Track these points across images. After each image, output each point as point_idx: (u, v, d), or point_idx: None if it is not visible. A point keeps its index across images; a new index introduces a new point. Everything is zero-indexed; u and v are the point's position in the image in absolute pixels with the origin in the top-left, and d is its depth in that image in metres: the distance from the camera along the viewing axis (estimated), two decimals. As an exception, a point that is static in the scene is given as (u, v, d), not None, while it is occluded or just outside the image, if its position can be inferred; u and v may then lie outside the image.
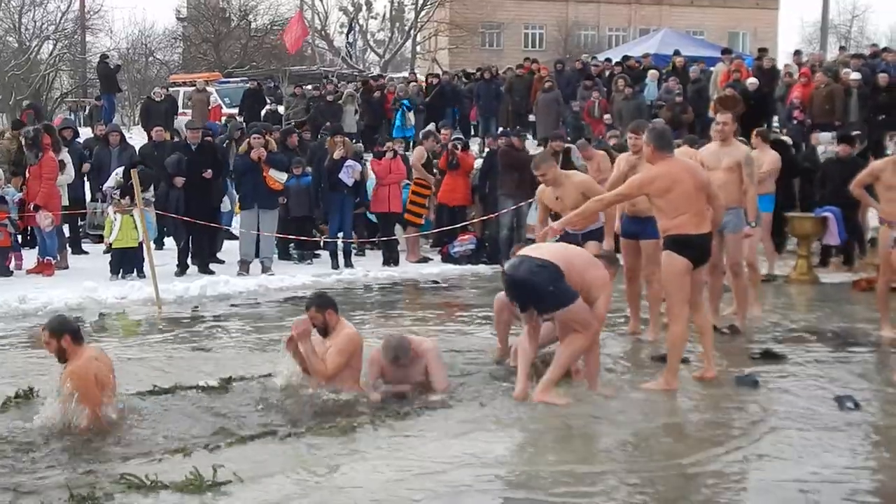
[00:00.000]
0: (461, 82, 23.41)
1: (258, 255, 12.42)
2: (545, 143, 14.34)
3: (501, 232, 13.34)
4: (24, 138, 12.67)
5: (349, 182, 12.88)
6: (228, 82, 27.00)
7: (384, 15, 49.04)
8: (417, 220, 14.09)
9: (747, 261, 8.97)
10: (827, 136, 16.47)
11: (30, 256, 12.35)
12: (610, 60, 23.53)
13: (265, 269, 12.22)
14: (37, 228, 12.23)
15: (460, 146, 14.23)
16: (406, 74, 26.98)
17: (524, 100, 21.06)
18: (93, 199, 14.05)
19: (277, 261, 12.95)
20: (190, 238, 12.32)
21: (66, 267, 12.38)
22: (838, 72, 18.28)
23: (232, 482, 4.76)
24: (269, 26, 39.90)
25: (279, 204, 12.78)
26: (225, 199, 13.43)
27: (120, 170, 12.77)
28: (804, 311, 10.18)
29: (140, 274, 11.57)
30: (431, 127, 16.76)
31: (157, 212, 12.43)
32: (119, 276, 11.59)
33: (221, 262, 12.76)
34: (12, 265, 11.94)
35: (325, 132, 16.35)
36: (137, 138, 18.75)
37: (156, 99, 21.34)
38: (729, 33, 47.53)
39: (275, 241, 12.83)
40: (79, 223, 13.95)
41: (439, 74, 24.72)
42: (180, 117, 22.05)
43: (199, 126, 13.40)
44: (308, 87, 22.66)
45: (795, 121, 17.19)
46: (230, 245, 13.28)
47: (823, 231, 12.01)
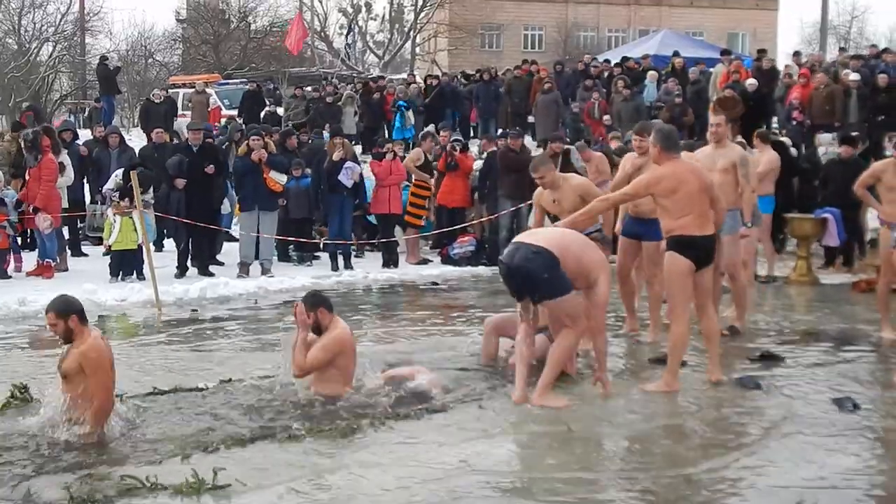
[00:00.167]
0: (460, 84, 23.40)
1: (258, 257, 12.42)
2: (545, 145, 14.32)
3: (501, 233, 13.34)
4: (24, 140, 12.66)
5: (348, 184, 12.89)
6: (228, 84, 27.01)
7: (383, 16, 49.15)
8: (418, 222, 14.09)
9: (742, 260, 8.96)
10: (828, 137, 16.49)
11: (29, 258, 12.35)
12: (609, 61, 23.51)
13: (265, 271, 12.22)
14: (37, 231, 12.23)
15: (459, 148, 14.25)
16: (405, 76, 26.96)
17: (523, 101, 21.03)
18: (92, 201, 14.04)
19: (277, 263, 12.96)
20: (190, 240, 12.33)
21: (66, 269, 12.37)
22: (838, 72, 18.29)
23: (231, 485, 4.75)
24: (269, 28, 39.94)
25: (279, 206, 12.79)
26: (224, 201, 13.43)
27: (119, 171, 12.75)
28: (804, 313, 10.18)
29: (140, 276, 11.58)
30: (431, 128, 16.76)
31: (158, 214, 12.42)
32: (119, 279, 11.59)
33: (221, 264, 12.76)
34: (11, 268, 11.94)
35: (316, 134, 16.38)
36: (137, 140, 18.76)
37: (155, 101, 21.33)
38: (728, 34, 47.61)
39: (274, 243, 12.83)
40: (78, 225, 13.95)
41: (438, 76, 24.70)
42: (180, 119, 22.06)
43: (201, 127, 13.37)
44: (307, 89, 22.65)
45: (795, 122, 17.19)
46: (230, 247, 13.28)
47: (823, 232, 12.01)
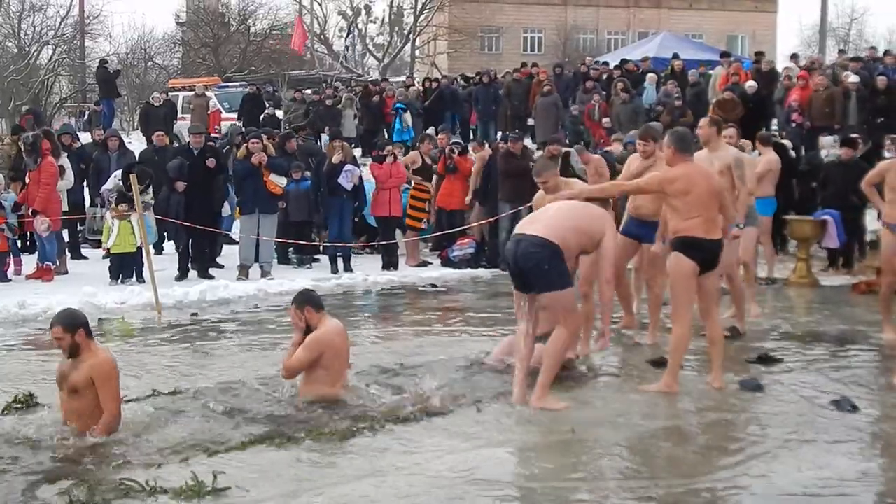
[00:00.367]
0: (460, 86, 23.40)
1: (258, 260, 12.42)
2: (544, 147, 14.33)
3: (500, 236, 13.34)
4: (24, 143, 12.67)
5: (348, 186, 12.89)
6: (227, 87, 27.00)
7: (383, 19, 49.21)
8: (418, 225, 14.09)
9: (742, 261, 8.97)
10: (830, 140, 16.48)
11: (29, 262, 12.35)
12: (608, 64, 23.51)
13: (265, 274, 12.22)
14: (36, 234, 12.23)
15: (458, 150, 14.25)
16: (404, 78, 26.95)
17: (523, 104, 21.02)
18: (92, 204, 14.03)
19: (277, 265, 12.95)
20: (190, 242, 12.32)
21: (66, 272, 12.37)
22: (837, 75, 18.29)
23: (231, 489, 4.75)
24: (269, 31, 39.97)
25: (279, 208, 12.79)
26: (225, 204, 13.43)
27: (119, 172, 12.77)
28: (803, 314, 10.18)
29: (139, 279, 11.57)
30: (431, 131, 16.77)
31: (158, 216, 12.42)
32: (118, 282, 11.59)
33: (221, 267, 12.75)
34: (11, 271, 11.94)
35: (309, 135, 16.39)
36: (137, 143, 18.76)
37: (155, 104, 21.30)
38: (728, 36, 47.69)
39: (274, 246, 12.83)
40: (78, 228, 13.96)
41: (438, 78, 24.69)
42: (179, 122, 22.06)
43: (202, 131, 13.38)
44: (307, 92, 22.65)
45: (794, 124, 17.19)
46: (230, 250, 13.28)
47: (822, 234, 12.01)
